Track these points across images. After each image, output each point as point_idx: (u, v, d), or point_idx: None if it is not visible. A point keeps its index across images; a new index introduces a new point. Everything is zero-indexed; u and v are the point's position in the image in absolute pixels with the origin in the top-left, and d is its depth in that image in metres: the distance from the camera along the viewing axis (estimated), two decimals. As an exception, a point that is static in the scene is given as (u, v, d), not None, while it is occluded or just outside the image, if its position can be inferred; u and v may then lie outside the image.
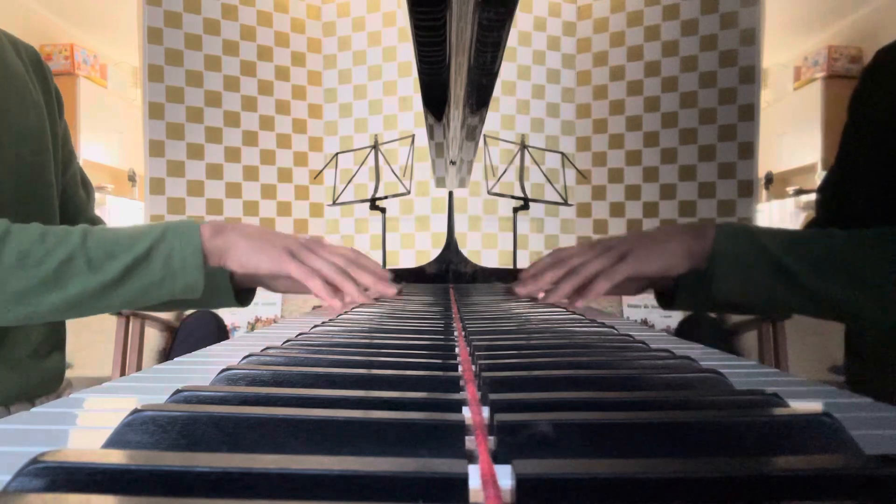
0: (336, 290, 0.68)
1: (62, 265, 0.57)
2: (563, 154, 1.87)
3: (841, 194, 0.84)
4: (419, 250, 2.16)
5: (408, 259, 2.17)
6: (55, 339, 0.81)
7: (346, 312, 0.72)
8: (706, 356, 0.45)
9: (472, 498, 0.17)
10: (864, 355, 0.80)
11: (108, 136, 3.82)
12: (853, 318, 0.61)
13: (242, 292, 0.75)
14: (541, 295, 0.74)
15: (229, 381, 0.30)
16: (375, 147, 1.76)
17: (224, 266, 0.65)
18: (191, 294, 0.62)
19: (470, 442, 0.23)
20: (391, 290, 0.72)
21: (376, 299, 0.80)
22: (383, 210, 1.59)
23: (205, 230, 0.63)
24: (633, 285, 0.76)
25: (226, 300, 0.73)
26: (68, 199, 0.85)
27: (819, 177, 3.70)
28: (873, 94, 0.81)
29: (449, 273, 1.30)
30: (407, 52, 2.14)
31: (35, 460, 0.17)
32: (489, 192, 1.62)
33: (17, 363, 0.73)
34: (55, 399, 0.80)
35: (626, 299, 2.10)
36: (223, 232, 0.64)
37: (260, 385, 0.31)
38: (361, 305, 0.77)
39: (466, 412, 0.27)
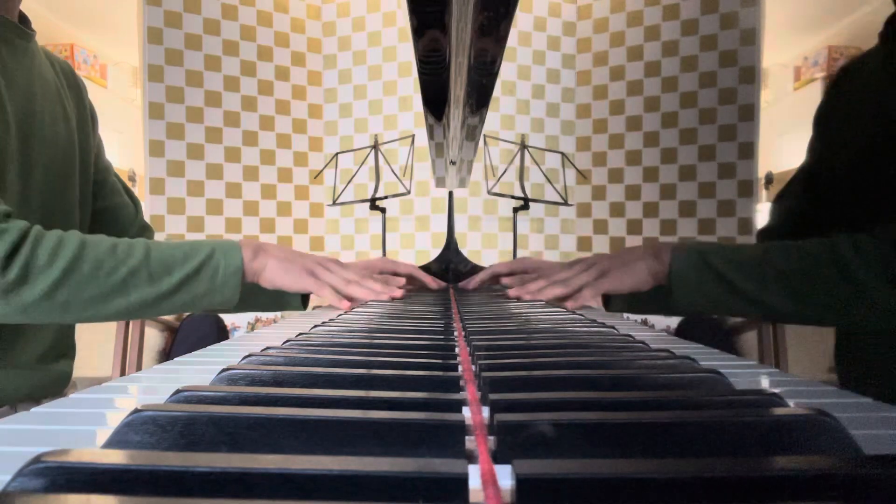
0: (340, 298, 0.78)
1: (129, 276, 0.63)
2: (563, 154, 1.87)
3: (800, 203, 0.91)
4: (419, 250, 2.16)
5: (408, 259, 2.17)
6: (64, 346, 0.84)
7: (345, 312, 0.72)
8: (706, 356, 0.45)
9: (472, 498, 0.17)
10: (856, 362, 0.82)
11: (108, 136, 3.81)
12: (801, 322, 0.72)
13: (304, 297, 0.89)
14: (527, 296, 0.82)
15: (229, 381, 0.30)
16: (375, 147, 1.76)
17: (257, 282, 0.73)
18: (225, 307, 0.70)
19: (470, 442, 0.23)
20: (396, 292, 0.82)
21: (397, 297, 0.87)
22: (383, 210, 1.59)
23: (246, 252, 0.71)
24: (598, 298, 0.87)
25: (292, 307, 0.90)
26: (113, 206, 0.92)
27: (819, 177, 3.69)
28: (836, 110, 0.83)
29: (449, 273, 1.30)
30: (407, 52, 2.14)
31: (35, 460, 0.17)
32: (489, 192, 1.62)
33: (25, 367, 0.75)
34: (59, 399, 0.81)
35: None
36: (260, 254, 0.73)
37: (260, 385, 0.31)
38: (362, 305, 0.78)
39: (466, 412, 0.27)
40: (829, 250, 0.64)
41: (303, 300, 0.89)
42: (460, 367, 0.35)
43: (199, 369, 0.42)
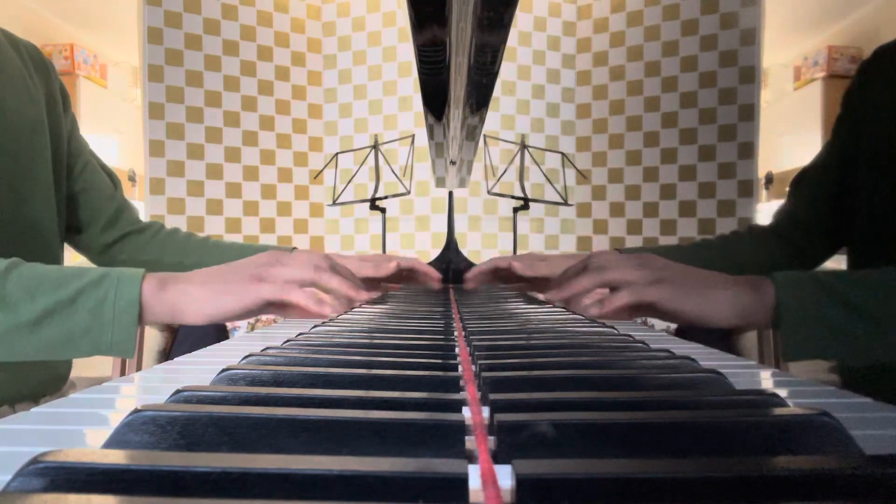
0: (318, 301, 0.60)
1: None
2: (563, 154, 1.87)
3: (821, 188, 0.85)
4: (419, 250, 2.16)
5: (408, 259, 2.17)
6: None
7: (345, 312, 0.72)
8: (706, 356, 0.45)
9: (472, 498, 0.17)
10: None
11: (108, 136, 3.82)
12: None
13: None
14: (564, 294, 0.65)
15: (229, 381, 0.30)
16: (375, 147, 1.76)
17: (185, 323, 0.56)
18: (121, 353, 0.53)
19: (470, 442, 0.23)
20: (362, 295, 0.64)
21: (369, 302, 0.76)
22: (383, 210, 1.59)
23: (148, 283, 0.54)
24: (639, 312, 0.65)
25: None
26: (89, 184, 0.86)
27: (819, 177, 3.69)
28: (870, 91, 0.81)
29: (449, 273, 1.29)
30: (407, 52, 2.14)
31: (35, 460, 0.17)
32: (489, 192, 1.62)
33: (21, 365, 0.73)
34: (58, 398, 0.81)
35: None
36: (170, 284, 0.55)
37: (260, 385, 0.31)
38: (362, 305, 0.77)
39: (466, 412, 0.27)
40: None
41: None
42: (460, 367, 0.35)
43: (199, 369, 0.42)
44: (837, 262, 0.93)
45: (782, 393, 0.26)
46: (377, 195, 1.64)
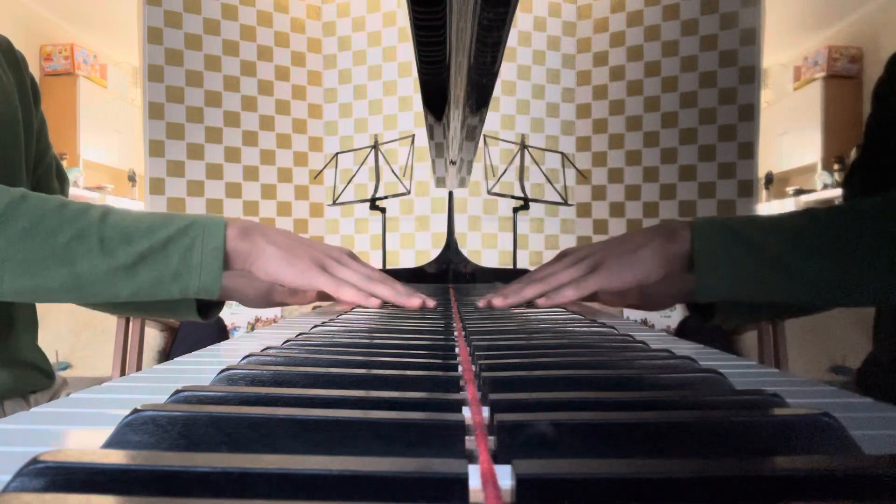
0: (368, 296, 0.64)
1: (75, 239, 0.53)
2: (563, 154, 1.87)
3: (868, 181, 0.80)
4: (419, 250, 2.16)
5: (408, 259, 2.17)
6: (27, 322, 0.77)
7: (345, 312, 0.72)
8: (706, 356, 0.45)
9: (472, 498, 0.17)
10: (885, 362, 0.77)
11: (108, 136, 3.82)
12: (855, 299, 0.57)
13: (210, 305, 0.72)
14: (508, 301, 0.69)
15: (229, 381, 0.30)
16: (375, 147, 1.76)
17: (249, 272, 0.61)
18: (206, 295, 0.57)
19: (470, 442, 0.23)
20: (416, 301, 0.66)
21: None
22: (383, 210, 1.59)
23: (231, 230, 0.59)
24: (617, 298, 0.73)
25: (185, 313, 0.70)
26: (41, 190, 0.81)
27: (819, 177, 3.70)
28: None
29: (449, 273, 1.29)
30: (407, 52, 2.14)
31: (35, 460, 0.17)
32: (489, 192, 1.62)
33: (11, 359, 0.72)
34: (51, 396, 0.80)
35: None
36: (251, 235, 0.60)
37: (260, 385, 0.31)
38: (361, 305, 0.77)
39: (466, 412, 0.27)
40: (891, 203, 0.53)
41: (200, 310, 0.71)
42: (460, 367, 0.35)
43: (199, 369, 0.42)
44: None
45: (782, 393, 0.26)
46: (377, 195, 1.64)
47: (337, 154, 1.86)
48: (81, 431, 0.27)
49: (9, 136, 0.72)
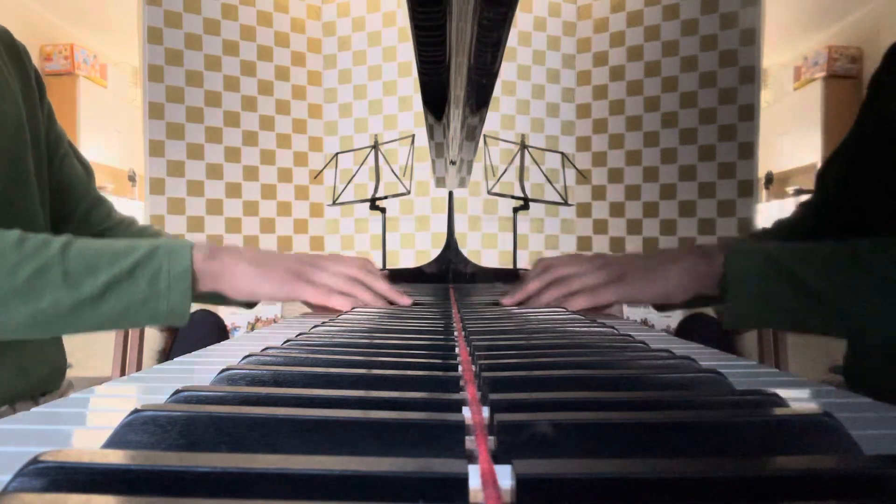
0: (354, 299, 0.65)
1: (36, 275, 0.52)
2: (563, 154, 1.87)
3: (847, 176, 0.80)
4: (419, 250, 2.16)
5: (408, 259, 2.17)
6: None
7: (345, 312, 0.72)
8: (706, 356, 0.45)
9: (472, 498, 0.17)
10: (869, 352, 0.77)
11: (108, 136, 3.82)
12: (887, 335, 0.55)
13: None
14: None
15: (229, 381, 0.30)
16: (375, 147, 1.76)
17: (220, 292, 0.60)
18: (177, 321, 0.57)
19: (470, 442, 0.23)
20: (405, 300, 0.67)
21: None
22: (383, 210, 1.59)
23: (198, 252, 0.58)
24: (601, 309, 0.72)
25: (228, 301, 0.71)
26: (67, 178, 0.81)
27: (819, 177, 3.68)
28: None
29: (449, 273, 1.30)
30: (407, 52, 2.14)
31: (35, 460, 0.17)
32: (489, 192, 1.62)
33: (20, 361, 0.72)
34: (57, 397, 0.80)
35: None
36: (218, 256, 0.59)
37: (260, 385, 0.31)
38: (363, 305, 0.77)
39: (466, 412, 0.27)
40: None
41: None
42: (460, 367, 0.35)
43: (199, 369, 0.42)
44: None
45: (782, 393, 0.26)
46: (377, 195, 1.64)
47: (337, 154, 1.86)
48: (81, 431, 0.27)
49: (17, 137, 0.70)
